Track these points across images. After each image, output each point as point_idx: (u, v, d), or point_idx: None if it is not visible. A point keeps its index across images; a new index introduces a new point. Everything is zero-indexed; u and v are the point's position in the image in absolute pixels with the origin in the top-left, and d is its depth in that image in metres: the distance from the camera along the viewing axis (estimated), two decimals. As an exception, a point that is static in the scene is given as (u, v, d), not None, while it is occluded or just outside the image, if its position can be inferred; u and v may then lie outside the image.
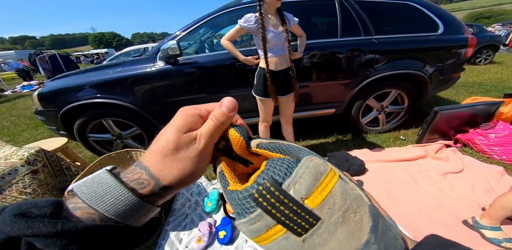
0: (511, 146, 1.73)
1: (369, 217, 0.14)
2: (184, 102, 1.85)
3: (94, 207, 0.18)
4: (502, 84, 3.77)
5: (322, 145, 2.09)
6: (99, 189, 0.18)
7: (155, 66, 1.74)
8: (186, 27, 1.81)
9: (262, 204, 0.14)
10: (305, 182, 0.14)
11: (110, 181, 0.19)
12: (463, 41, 2.04)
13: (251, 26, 1.29)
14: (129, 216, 0.19)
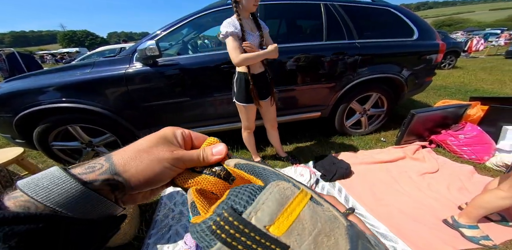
0: (479, 146, 1.88)
1: (346, 239, 0.13)
2: (165, 106, 1.73)
3: (27, 192, 0.16)
4: (465, 87, 4.15)
5: (309, 148, 2.09)
6: (38, 176, 0.17)
7: (131, 67, 1.60)
8: (167, 27, 1.69)
9: (220, 236, 0.13)
10: (268, 208, 0.13)
11: (53, 169, 0.17)
12: (435, 47, 2.18)
13: (238, 30, 1.23)
14: (72, 205, 0.16)
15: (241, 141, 1.75)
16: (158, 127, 1.31)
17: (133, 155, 0.20)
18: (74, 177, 0.17)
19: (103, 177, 0.18)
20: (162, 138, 0.22)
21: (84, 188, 0.17)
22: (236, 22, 1.21)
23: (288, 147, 2.12)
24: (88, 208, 0.17)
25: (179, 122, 1.83)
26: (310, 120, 2.12)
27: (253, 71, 1.34)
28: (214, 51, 1.78)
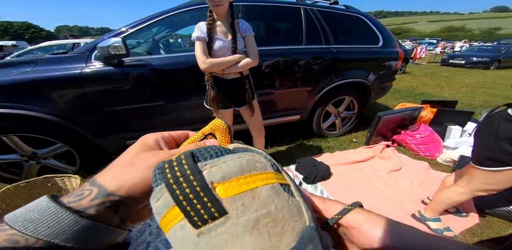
0: (431, 144, 2.16)
1: (294, 236, 0.11)
2: (133, 111, 1.52)
3: (14, 226, 0.15)
4: (414, 91, 4.76)
5: (289, 151, 2.11)
6: (26, 208, 0.16)
7: (89, 67, 1.36)
8: (135, 24, 1.48)
9: (167, 177, 0.12)
10: (226, 167, 0.13)
11: (42, 199, 0.17)
12: (396, 54, 2.41)
13: (203, 35, 1.16)
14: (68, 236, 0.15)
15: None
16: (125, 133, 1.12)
17: (118, 172, 0.19)
18: (64, 206, 0.16)
19: (96, 202, 0.17)
20: (143, 146, 0.21)
21: (77, 217, 0.16)
22: (204, 27, 1.16)
23: (269, 150, 2.10)
24: (88, 237, 0.16)
25: (151, 128, 1.64)
26: (288, 123, 2.13)
27: (223, 76, 1.26)
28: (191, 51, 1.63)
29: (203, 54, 1.16)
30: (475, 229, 1.27)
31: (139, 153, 0.21)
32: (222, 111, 1.36)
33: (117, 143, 1.63)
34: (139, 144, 0.22)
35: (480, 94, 4.49)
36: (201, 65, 1.18)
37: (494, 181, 0.95)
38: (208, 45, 1.17)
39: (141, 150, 0.21)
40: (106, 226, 0.17)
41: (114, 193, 0.18)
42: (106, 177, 0.19)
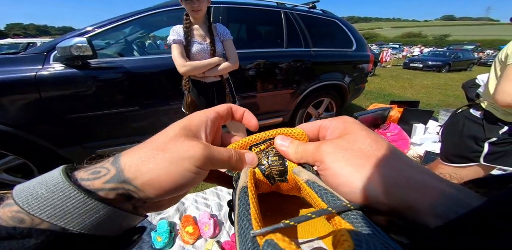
0: (400, 141, 2.35)
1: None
2: (103, 118, 1.39)
3: (18, 201, 0.13)
4: (382, 92, 5.17)
5: (272, 153, 2.11)
6: (37, 180, 0.14)
7: (46, 69, 1.21)
8: (104, 23, 1.36)
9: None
10: None
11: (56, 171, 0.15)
12: (367, 57, 2.57)
13: (180, 38, 1.14)
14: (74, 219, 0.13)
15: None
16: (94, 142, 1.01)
17: (146, 155, 0.16)
18: (75, 183, 0.14)
19: (109, 186, 0.15)
20: (184, 129, 0.18)
21: (85, 198, 0.14)
22: (180, 30, 1.14)
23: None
24: (97, 221, 0.14)
25: (125, 135, 1.51)
26: (271, 126, 2.14)
27: (202, 79, 1.24)
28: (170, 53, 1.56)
29: (181, 57, 1.13)
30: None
31: (177, 137, 0.17)
32: None
33: (85, 153, 1.48)
34: (181, 125, 0.18)
35: (436, 95, 5.04)
36: (180, 69, 1.14)
37: (460, 176, 1.05)
38: (185, 49, 1.15)
39: (181, 133, 0.17)
40: (117, 211, 0.15)
41: (130, 181, 0.15)
42: (132, 158, 0.16)
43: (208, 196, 1.57)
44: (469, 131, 0.97)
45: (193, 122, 0.19)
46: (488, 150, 0.91)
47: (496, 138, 0.89)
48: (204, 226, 1.24)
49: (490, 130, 0.91)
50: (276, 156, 0.20)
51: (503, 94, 0.75)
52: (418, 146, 2.31)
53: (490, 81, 0.91)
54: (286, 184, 0.20)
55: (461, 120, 1.03)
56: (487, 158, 0.92)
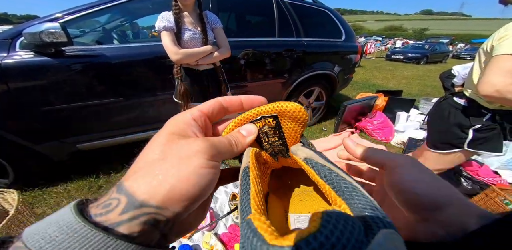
0: (386, 129, 2.46)
1: None
2: (84, 110, 1.28)
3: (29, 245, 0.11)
4: (367, 82, 5.33)
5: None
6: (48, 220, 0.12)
7: (11, 57, 1.09)
8: (77, 10, 1.24)
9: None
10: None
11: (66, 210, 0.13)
12: (355, 48, 2.59)
13: (171, 24, 1.08)
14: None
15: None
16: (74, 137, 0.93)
17: (147, 170, 0.14)
18: (90, 222, 0.12)
19: (127, 216, 0.12)
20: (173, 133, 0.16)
21: (105, 237, 0.11)
22: (170, 16, 1.08)
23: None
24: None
25: (109, 128, 1.42)
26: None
27: (196, 67, 1.21)
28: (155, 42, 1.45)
29: (173, 45, 1.08)
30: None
31: (171, 141, 0.15)
32: (194, 104, 1.28)
33: (64, 149, 1.37)
34: (167, 129, 0.16)
35: (416, 85, 5.30)
36: (173, 56, 1.09)
37: (445, 161, 1.11)
38: (176, 36, 1.10)
39: (173, 137, 0.15)
40: (143, 248, 0.13)
41: (147, 202, 0.13)
42: (135, 179, 0.14)
43: (202, 189, 1.54)
44: (454, 118, 1.01)
45: (178, 124, 0.17)
46: (472, 136, 0.96)
47: (480, 125, 0.94)
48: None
49: (475, 117, 0.95)
50: (275, 136, 0.20)
51: (487, 85, 0.77)
52: (401, 133, 2.43)
53: (474, 71, 0.95)
54: (290, 159, 0.21)
55: (446, 108, 1.06)
56: (471, 144, 0.97)
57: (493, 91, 0.75)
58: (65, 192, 1.47)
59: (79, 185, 1.53)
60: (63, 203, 1.39)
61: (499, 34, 0.79)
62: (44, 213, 1.31)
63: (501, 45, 0.76)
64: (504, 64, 0.74)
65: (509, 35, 0.75)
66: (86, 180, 1.57)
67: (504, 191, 1.33)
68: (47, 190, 1.47)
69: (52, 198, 1.42)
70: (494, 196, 1.31)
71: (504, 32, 0.77)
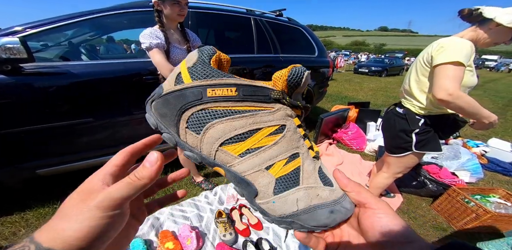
0: (359, 139, 2.64)
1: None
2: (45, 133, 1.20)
3: None
4: (340, 95, 5.75)
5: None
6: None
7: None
8: (42, 23, 1.16)
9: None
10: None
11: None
12: (327, 63, 2.82)
13: (163, 42, 1.08)
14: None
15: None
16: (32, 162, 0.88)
17: (51, 224, 0.17)
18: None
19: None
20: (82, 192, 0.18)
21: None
22: (160, 33, 1.07)
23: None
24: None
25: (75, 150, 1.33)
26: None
27: None
28: (132, 58, 1.42)
29: (167, 62, 1.06)
30: (402, 207, 1.63)
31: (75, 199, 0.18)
32: None
33: (19, 175, 1.23)
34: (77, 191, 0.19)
35: (380, 96, 5.86)
36: (168, 74, 1.07)
37: (403, 164, 1.24)
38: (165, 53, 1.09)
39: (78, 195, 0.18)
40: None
41: (52, 248, 0.16)
42: (43, 230, 0.17)
43: (185, 208, 1.47)
44: (399, 125, 1.16)
45: (93, 182, 0.19)
46: (415, 139, 1.11)
47: (418, 129, 1.09)
48: (186, 240, 1.16)
49: (413, 123, 1.11)
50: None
51: (440, 90, 0.88)
52: (372, 142, 2.63)
53: (411, 81, 1.10)
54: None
55: (391, 117, 1.22)
56: (417, 146, 1.11)
57: (447, 95, 0.87)
58: (23, 221, 1.30)
59: (39, 212, 1.36)
60: (21, 233, 1.23)
61: (435, 47, 0.94)
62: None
63: (441, 56, 0.90)
64: (448, 72, 0.88)
65: (445, 48, 0.90)
66: (48, 206, 1.40)
67: (463, 190, 1.51)
68: (0, 220, 1.29)
69: (7, 228, 1.24)
70: (455, 196, 1.47)
71: (439, 46, 0.93)
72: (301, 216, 0.22)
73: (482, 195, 1.55)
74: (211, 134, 0.21)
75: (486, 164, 2.21)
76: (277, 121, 0.22)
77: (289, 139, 0.23)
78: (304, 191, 0.22)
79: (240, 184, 0.23)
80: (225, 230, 1.24)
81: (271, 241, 1.23)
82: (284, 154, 0.22)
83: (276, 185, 0.22)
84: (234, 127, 0.21)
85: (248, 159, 0.22)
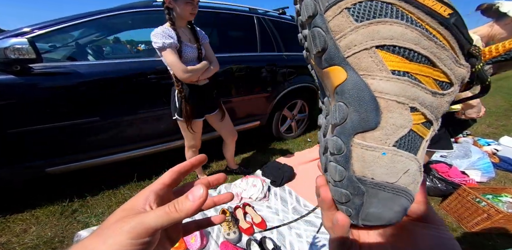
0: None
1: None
2: (52, 132, 1.23)
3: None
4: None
5: (253, 157, 2.12)
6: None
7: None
8: (49, 24, 1.18)
9: None
10: None
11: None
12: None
13: (175, 41, 1.08)
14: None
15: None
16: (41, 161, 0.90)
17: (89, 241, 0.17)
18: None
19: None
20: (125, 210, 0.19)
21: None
22: (172, 32, 1.07)
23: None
24: None
25: (82, 150, 1.36)
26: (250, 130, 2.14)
27: (199, 83, 1.24)
28: (137, 58, 1.45)
29: (180, 62, 1.09)
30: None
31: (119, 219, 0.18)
32: (197, 121, 1.32)
33: (31, 173, 1.27)
34: (122, 208, 0.20)
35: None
36: (182, 74, 1.10)
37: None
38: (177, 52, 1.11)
39: (121, 215, 0.19)
40: None
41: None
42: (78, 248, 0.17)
43: (190, 207, 1.47)
44: None
45: (138, 200, 0.20)
46: None
47: None
48: (190, 238, 1.17)
49: None
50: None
51: None
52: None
53: None
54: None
55: None
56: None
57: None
58: (33, 219, 1.33)
59: (49, 210, 1.39)
60: (31, 230, 1.26)
61: None
62: (9, 242, 1.18)
63: None
64: None
65: None
66: (57, 204, 1.43)
67: (473, 190, 1.46)
68: (11, 217, 1.32)
69: (18, 226, 1.27)
70: (466, 195, 1.43)
71: None
72: (382, 193, 0.16)
73: (494, 194, 1.50)
74: (379, 29, 0.15)
75: (498, 162, 2.13)
76: (452, 75, 0.16)
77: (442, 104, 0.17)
78: (417, 167, 0.17)
79: (359, 103, 0.16)
80: (229, 228, 1.24)
81: (275, 240, 1.23)
82: (430, 114, 0.16)
83: (406, 137, 0.16)
84: (417, 40, 0.15)
85: (401, 82, 0.15)
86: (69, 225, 1.30)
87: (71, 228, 1.28)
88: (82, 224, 1.30)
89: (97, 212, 1.39)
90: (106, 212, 1.39)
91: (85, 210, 1.40)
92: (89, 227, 1.27)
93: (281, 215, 1.42)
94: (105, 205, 1.45)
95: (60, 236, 1.22)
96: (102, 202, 1.47)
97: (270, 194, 1.63)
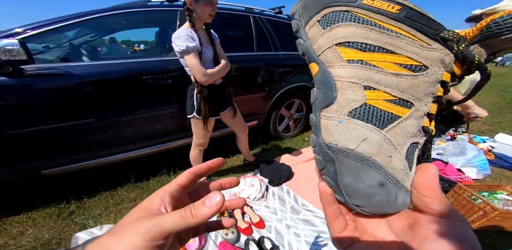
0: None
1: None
2: (47, 133, 1.22)
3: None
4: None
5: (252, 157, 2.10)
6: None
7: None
8: (41, 24, 1.17)
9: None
10: None
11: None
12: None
13: (198, 44, 1.10)
14: None
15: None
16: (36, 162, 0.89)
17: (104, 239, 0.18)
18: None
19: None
20: (141, 210, 0.19)
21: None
22: (194, 34, 1.08)
23: (232, 159, 2.06)
24: None
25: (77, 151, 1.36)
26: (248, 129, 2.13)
27: (215, 82, 1.29)
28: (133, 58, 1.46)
29: (201, 65, 1.12)
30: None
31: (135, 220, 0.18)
32: (212, 119, 1.36)
33: (27, 175, 1.26)
34: (138, 207, 0.20)
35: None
36: (202, 78, 1.13)
37: None
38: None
39: (137, 215, 0.19)
40: None
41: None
42: (94, 245, 0.17)
43: (188, 207, 1.47)
44: None
45: (153, 200, 0.20)
46: None
47: None
48: (188, 239, 1.16)
49: None
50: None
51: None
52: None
53: None
54: None
55: None
56: None
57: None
58: (30, 221, 1.32)
59: (46, 212, 1.38)
60: (28, 232, 1.25)
61: None
62: (6, 244, 1.17)
63: None
64: None
65: None
66: (54, 206, 1.42)
67: (469, 187, 1.48)
68: (8, 219, 1.32)
69: (15, 228, 1.27)
70: (462, 193, 1.44)
71: None
72: (347, 160, 0.18)
73: (490, 191, 1.52)
74: (337, 32, 0.19)
75: (493, 159, 2.16)
76: (420, 58, 0.18)
77: (418, 84, 0.18)
78: (381, 138, 0.18)
79: (323, 86, 0.20)
80: (227, 228, 1.24)
81: (273, 239, 1.23)
82: (397, 92, 0.18)
83: (360, 109, 0.18)
84: (366, 35, 0.18)
85: (354, 67, 0.19)
86: (66, 227, 1.29)
87: (68, 230, 1.27)
88: (80, 226, 1.29)
89: (94, 213, 1.38)
90: (103, 214, 1.39)
91: (82, 212, 1.40)
92: (86, 229, 1.26)
93: (279, 215, 1.43)
94: (102, 206, 1.44)
95: (57, 238, 1.22)
96: (100, 204, 1.47)
97: (268, 193, 1.63)
